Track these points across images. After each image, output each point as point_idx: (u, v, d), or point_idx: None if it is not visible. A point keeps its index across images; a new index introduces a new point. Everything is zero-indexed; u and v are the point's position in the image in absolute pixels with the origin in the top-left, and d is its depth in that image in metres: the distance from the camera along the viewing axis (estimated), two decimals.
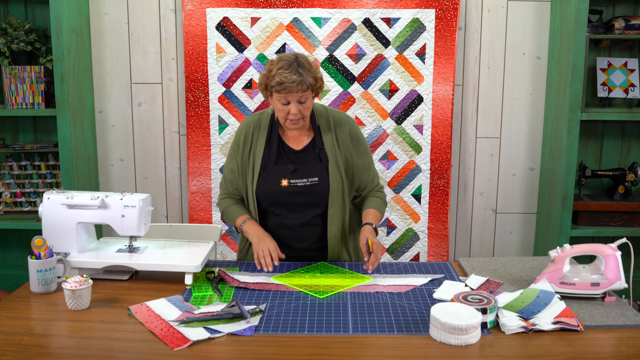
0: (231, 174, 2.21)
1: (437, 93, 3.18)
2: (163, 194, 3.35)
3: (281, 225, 2.14)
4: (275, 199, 2.11)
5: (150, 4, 3.18)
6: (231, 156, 2.21)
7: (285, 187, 2.09)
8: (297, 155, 2.13)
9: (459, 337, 1.51)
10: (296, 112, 2.00)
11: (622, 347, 1.53)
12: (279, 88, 1.96)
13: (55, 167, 3.15)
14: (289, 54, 2.02)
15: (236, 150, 2.19)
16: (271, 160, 2.11)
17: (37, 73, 2.97)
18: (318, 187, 2.10)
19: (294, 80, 1.94)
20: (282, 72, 1.95)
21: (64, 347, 1.52)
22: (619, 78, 3.13)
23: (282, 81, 1.94)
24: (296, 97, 1.98)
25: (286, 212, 2.13)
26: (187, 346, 1.51)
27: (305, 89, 1.97)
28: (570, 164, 2.99)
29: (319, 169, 2.11)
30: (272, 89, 1.98)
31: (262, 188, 2.11)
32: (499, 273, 2.02)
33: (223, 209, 2.24)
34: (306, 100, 2.00)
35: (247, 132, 2.17)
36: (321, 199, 2.11)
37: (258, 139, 2.14)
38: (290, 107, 1.99)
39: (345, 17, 3.11)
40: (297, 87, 1.95)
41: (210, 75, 3.15)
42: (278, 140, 2.13)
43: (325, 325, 1.63)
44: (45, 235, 1.96)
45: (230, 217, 2.19)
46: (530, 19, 3.21)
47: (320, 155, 2.12)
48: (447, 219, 3.26)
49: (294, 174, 2.09)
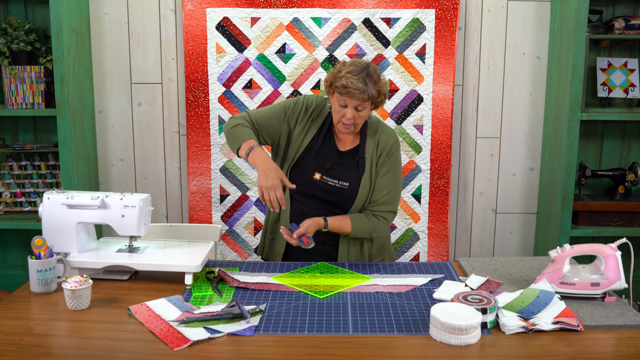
0: (266, 121, 2.13)
1: (437, 93, 3.18)
2: (163, 194, 3.35)
3: (301, 212, 2.15)
4: (303, 188, 2.13)
5: (150, 4, 3.18)
6: (277, 109, 2.15)
7: (316, 180, 2.12)
8: (339, 155, 2.15)
9: (459, 337, 1.51)
10: (350, 117, 2.01)
11: (622, 347, 1.53)
12: (342, 90, 1.98)
13: (55, 167, 3.15)
14: (362, 61, 2.04)
15: (287, 110, 2.14)
16: (313, 150, 2.13)
17: (37, 73, 2.97)
18: (346, 192, 2.12)
19: (358, 88, 1.96)
20: (349, 77, 1.97)
21: (64, 347, 1.52)
22: (619, 78, 3.13)
23: (346, 85, 1.96)
24: (354, 104, 2.00)
25: (309, 202, 2.15)
26: (187, 346, 1.51)
27: (366, 98, 1.99)
28: (570, 164, 2.99)
29: (353, 175, 2.13)
30: (335, 89, 2.01)
31: (296, 174, 2.13)
32: (499, 273, 2.02)
33: (232, 126, 2.09)
34: (363, 110, 2.02)
35: (311, 110, 2.15)
36: (345, 204, 2.13)
37: (312, 124, 2.15)
38: (347, 111, 2.01)
39: (345, 17, 3.11)
40: (359, 95, 1.97)
41: (210, 75, 3.15)
42: (327, 134, 2.15)
43: (325, 325, 1.63)
44: (45, 235, 1.96)
45: (236, 136, 2.06)
46: (530, 19, 3.21)
47: (359, 163, 2.14)
48: (447, 219, 3.26)
49: (328, 171, 2.12)
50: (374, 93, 1.99)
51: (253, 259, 3.29)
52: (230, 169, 3.23)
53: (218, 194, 3.24)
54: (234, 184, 3.24)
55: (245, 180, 3.23)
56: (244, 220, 3.27)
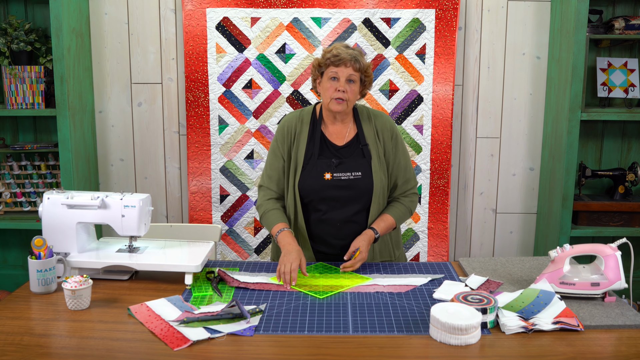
0: (276, 173, 2.19)
1: (437, 93, 3.18)
2: (163, 194, 3.35)
3: (322, 221, 2.15)
4: (318, 192, 2.12)
5: (150, 4, 3.18)
6: (274, 155, 2.20)
7: (328, 180, 2.11)
8: (340, 150, 2.15)
9: (459, 337, 1.51)
10: (343, 87, 2.05)
11: (622, 347, 1.54)
12: (334, 59, 2.05)
13: (55, 167, 3.15)
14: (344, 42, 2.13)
15: (279, 148, 2.19)
16: (314, 155, 2.13)
17: (37, 73, 2.97)
18: (361, 182, 2.12)
19: (350, 54, 2.05)
20: (339, 47, 2.08)
21: (64, 347, 1.52)
22: (619, 78, 3.13)
23: (338, 53, 2.05)
24: (346, 73, 2.05)
25: (327, 208, 2.14)
26: (187, 346, 1.51)
27: (357, 68, 2.07)
28: (570, 164, 2.99)
29: (363, 164, 2.13)
30: (326, 61, 2.08)
31: (305, 181, 2.12)
32: (499, 273, 2.02)
33: (263, 212, 2.18)
34: (353, 84, 2.08)
35: (290, 128, 2.18)
36: (364, 195, 2.13)
37: (300, 135, 2.17)
38: (339, 83, 2.06)
39: (345, 17, 3.11)
40: (350, 62, 2.05)
41: (210, 75, 3.15)
42: (320, 135, 2.16)
43: (325, 325, 1.63)
44: (45, 235, 1.96)
45: (268, 222, 2.15)
46: (530, 19, 3.21)
47: (364, 150, 2.15)
48: (447, 219, 3.26)
49: (337, 167, 2.12)
50: (364, 63, 2.09)
51: (253, 259, 3.29)
52: (230, 169, 3.23)
53: (218, 194, 3.24)
54: (234, 184, 3.24)
55: (245, 180, 3.23)
56: (244, 220, 3.27)
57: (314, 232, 2.16)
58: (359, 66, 2.06)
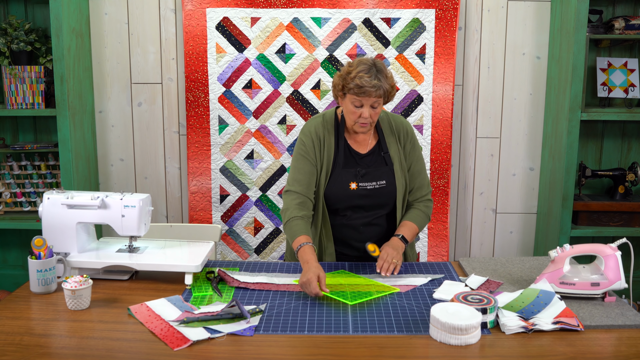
0: (306, 176, 2.13)
1: (437, 93, 3.18)
2: (163, 194, 3.35)
3: (345, 225, 2.16)
4: (343, 201, 2.13)
5: (150, 4, 3.18)
6: (303, 158, 2.14)
7: (353, 190, 2.11)
8: (363, 159, 2.15)
9: (459, 337, 1.51)
10: (368, 116, 2.02)
11: (622, 347, 1.54)
12: (357, 91, 1.98)
13: (55, 167, 3.15)
14: (367, 58, 2.04)
15: (309, 152, 2.14)
16: (339, 164, 2.13)
17: (37, 73, 2.97)
18: (385, 190, 2.13)
19: (374, 85, 1.96)
20: (362, 76, 1.97)
21: (64, 347, 1.52)
22: (619, 78, 3.13)
23: (362, 85, 1.96)
24: (370, 102, 2.00)
25: (351, 213, 2.15)
26: (187, 346, 1.51)
27: (381, 94, 2.00)
28: (570, 164, 2.99)
29: (386, 172, 2.14)
30: (349, 90, 2.00)
31: (331, 190, 2.12)
32: (499, 273, 2.02)
33: (287, 219, 2.10)
34: (378, 106, 2.03)
35: (319, 134, 2.15)
36: (388, 201, 2.15)
37: (326, 142, 2.15)
38: (363, 110, 2.01)
39: (345, 17, 3.11)
40: (375, 92, 1.97)
41: (210, 75, 3.15)
42: (344, 143, 2.15)
43: (325, 325, 1.63)
44: (45, 235, 1.96)
45: (291, 232, 2.07)
46: (530, 19, 3.21)
47: (385, 158, 2.15)
48: (447, 219, 3.26)
49: (363, 177, 2.12)
50: (387, 88, 2.02)
51: (253, 259, 3.29)
52: (230, 169, 3.23)
53: (218, 194, 3.24)
54: (234, 184, 3.24)
55: (245, 180, 3.23)
56: (244, 220, 3.27)
57: (336, 235, 2.18)
58: (383, 92, 2.00)
